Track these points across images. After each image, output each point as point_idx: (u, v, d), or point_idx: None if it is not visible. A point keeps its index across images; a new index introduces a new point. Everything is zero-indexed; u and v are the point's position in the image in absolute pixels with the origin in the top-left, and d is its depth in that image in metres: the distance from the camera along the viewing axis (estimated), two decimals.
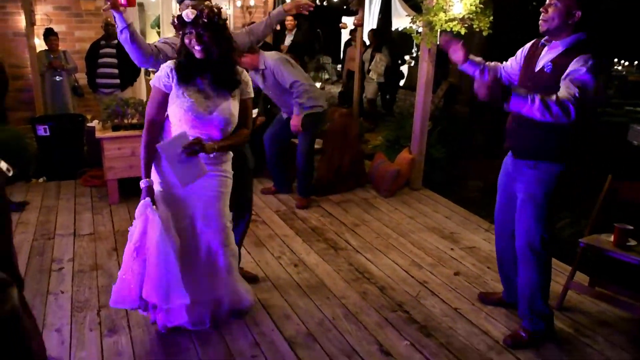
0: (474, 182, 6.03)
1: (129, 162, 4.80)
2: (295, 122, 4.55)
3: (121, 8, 2.59)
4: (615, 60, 16.26)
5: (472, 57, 2.89)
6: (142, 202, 2.56)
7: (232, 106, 2.52)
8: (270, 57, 4.51)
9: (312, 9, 3.36)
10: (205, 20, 2.32)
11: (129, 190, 4.93)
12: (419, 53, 5.57)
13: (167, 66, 2.48)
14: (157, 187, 2.63)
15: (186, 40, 2.39)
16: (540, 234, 2.76)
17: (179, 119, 2.45)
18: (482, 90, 2.34)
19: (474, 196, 5.60)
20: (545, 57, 2.67)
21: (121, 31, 2.64)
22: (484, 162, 6.42)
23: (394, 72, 9.92)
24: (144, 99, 6.44)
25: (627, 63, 16.96)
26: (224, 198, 2.69)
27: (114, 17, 2.69)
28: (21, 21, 7.02)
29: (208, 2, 2.51)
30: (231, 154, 2.71)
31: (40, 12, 7.37)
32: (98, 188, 5.23)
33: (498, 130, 6.47)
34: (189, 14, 2.30)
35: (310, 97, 4.55)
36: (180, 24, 2.37)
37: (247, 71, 2.72)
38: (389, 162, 5.41)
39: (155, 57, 2.79)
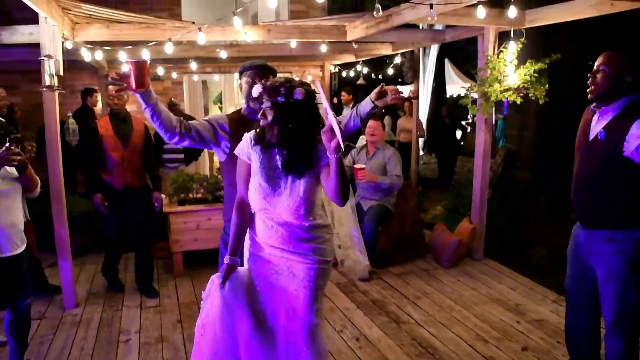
0: (539, 249, 5.85)
1: (194, 235, 4.98)
2: (370, 176, 4.79)
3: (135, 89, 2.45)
4: None
5: None
6: (212, 277, 2.35)
7: (306, 186, 2.22)
8: (389, 147, 5.31)
9: (400, 94, 2.84)
10: (266, 98, 2.15)
11: (194, 263, 5.09)
12: (474, 119, 5.61)
13: (248, 136, 2.33)
14: (245, 264, 2.44)
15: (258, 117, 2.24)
16: (629, 309, 2.62)
17: (251, 199, 2.27)
18: None
19: (539, 264, 5.41)
20: (598, 125, 2.65)
21: (144, 109, 2.53)
22: (548, 227, 6.24)
23: (450, 141, 9.89)
24: (207, 174, 6.72)
25: None
26: (316, 292, 2.32)
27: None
28: (98, 103, 7.57)
29: (290, 78, 2.27)
30: (328, 238, 2.37)
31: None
32: (164, 260, 5.40)
33: (563, 194, 6.35)
34: (255, 91, 2.20)
35: (394, 193, 5.14)
36: (250, 99, 2.26)
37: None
38: (449, 232, 5.35)
39: (180, 134, 2.63)
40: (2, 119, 4.58)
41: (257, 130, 2.29)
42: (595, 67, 2.62)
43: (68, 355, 3.56)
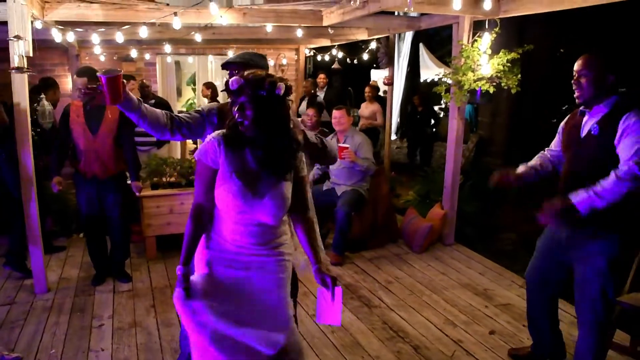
0: (508, 235, 6.00)
1: (167, 219, 4.96)
2: (354, 156, 4.82)
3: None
4: None
5: (523, 171, 3.03)
6: (175, 295, 2.19)
7: (286, 189, 2.17)
8: (358, 133, 5.22)
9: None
10: (250, 92, 2.01)
11: (167, 247, 5.08)
12: (447, 105, 5.68)
13: (214, 139, 2.14)
14: (200, 271, 2.28)
15: (233, 111, 2.09)
16: (607, 306, 2.70)
17: (227, 204, 2.11)
18: (551, 219, 2.55)
19: (507, 250, 5.56)
20: (590, 122, 2.69)
21: (128, 115, 2.46)
22: (518, 214, 6.39)
23: (425, 129, 9.78)
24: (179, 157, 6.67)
25: None
26: (285, 285, 2.27)
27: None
28: (68, 83, 7.44)
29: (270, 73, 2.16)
30: (289, 233, 2.35)
31: None
32: (136, 244, 5.35)
33: (533, 181, 6.50)
34: (233, 82, 2.04)
35: (367, 178, 5.12)
36: (227, 91, 2.10)
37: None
38: (421, 218, 5.43)
39: (171, 131, 2.58)
40: None
41: (227, 130, 2.16)
42: (576, 73, 2.65)
43: (40, 341, 3.54)
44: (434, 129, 9.97)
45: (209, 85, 8.11)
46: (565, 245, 2.82)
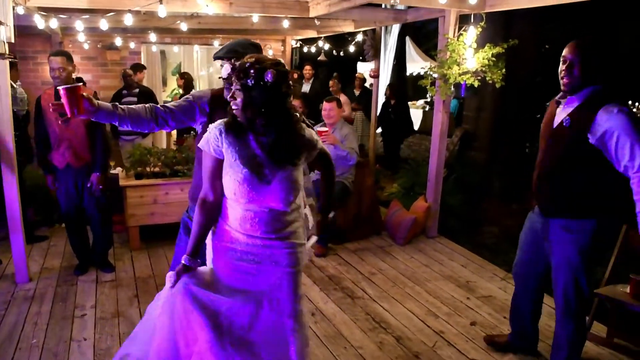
0: (490, 228, 6.06)
1: (151, 209, 4.93)
2: (333, 139, 4.82)
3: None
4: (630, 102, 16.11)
5: None
6: (168, 275, 2.17)
7: (295, 173, 2.15)
8: (346, 125, 5.21)
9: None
10: (235, 80, 2.02)
11: (151, 237, 5.06)
12: (432, 98, 5.70)
13: (215, 128, 2.13)
14: (209, 265, 2.30)
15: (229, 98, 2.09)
16: (578, 295, 2.75)
17: (234, 192, 2.09)
18: None
19: (490, 243, 5.62)
20: (563, 113, 2.67)
21: (110, 122, 2.45)
22: (501, 208, 6.46)
23: (395, 122, 9.53)
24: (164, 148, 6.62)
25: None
26: (298, 278, 2.23)
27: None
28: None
29: (267, 56, 2.13)
30: (302, 221, 2.31)
31: None
32: (119, 234, 5.32)
33: (516, 175, 6.57)
34: (224, 71, 2.08)
35: (352, 170, 5.11)
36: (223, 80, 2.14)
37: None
38: (405, 210, 5.47)
39: (157, 124, 2.56)
40: None
41: (228, 118, 2.13)
42: (567, 59, 2.58)
43: (21, 330, 3.52)
44: (406, 124, 9.65)
45: (183, 76, 8.07)
46: (542, 236, 2.88)
